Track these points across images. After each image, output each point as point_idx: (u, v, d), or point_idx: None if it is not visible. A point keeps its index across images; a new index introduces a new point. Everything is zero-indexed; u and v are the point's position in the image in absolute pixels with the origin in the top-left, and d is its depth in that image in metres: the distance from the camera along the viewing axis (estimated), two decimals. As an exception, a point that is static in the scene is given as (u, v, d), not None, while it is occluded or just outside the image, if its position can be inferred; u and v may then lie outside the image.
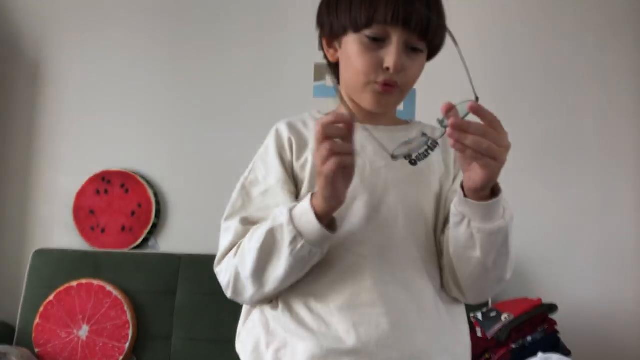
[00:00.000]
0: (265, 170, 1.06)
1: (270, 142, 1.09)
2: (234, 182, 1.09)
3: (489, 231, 0.91)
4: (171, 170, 2.79)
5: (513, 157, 2.96)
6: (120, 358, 2.38)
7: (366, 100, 1.04)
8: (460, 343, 1.03)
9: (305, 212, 0.92)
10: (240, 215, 1.03)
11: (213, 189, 2.71)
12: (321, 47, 1.11)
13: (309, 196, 0.93)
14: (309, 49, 2.74)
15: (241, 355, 1.04)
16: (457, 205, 0.93)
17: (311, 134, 1.06)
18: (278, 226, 0.94)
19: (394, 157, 0.91)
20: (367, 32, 0.98)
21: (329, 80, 2.72)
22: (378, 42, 0.99)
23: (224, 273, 1.01)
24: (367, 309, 0.95)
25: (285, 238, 0.93)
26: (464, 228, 0.93)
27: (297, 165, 1.05)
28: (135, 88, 2.84)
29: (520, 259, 2.58)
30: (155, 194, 2.75)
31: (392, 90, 1.01)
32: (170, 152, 2.80)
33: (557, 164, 2.66)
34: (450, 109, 0.84)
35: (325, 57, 1.11)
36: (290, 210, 0.94)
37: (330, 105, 1.16)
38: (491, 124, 0.85)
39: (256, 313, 1.04)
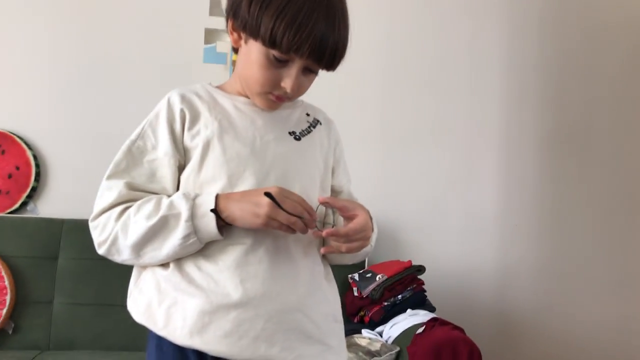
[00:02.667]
0: (154, 140, 1.09)
1: (161, 112, 1.10)
2: (117, 145, 1.10)
3: (358, 253, 1.13)
4: (52, 132, 2.69)
5: (390, 135, 3.17)
6: (-3, 324, 2.32)
7: (258, 102, 1.12)
8: (334, 298, 1.17)
9: (206, 214, 1.00)
10: (125, 179, 1.06)
11: (96, 151, 2.67)
12: (226, 26, 1.12)
13: (213, 197, 1.01)
14: (199, 10, 2.76)
15: (133, 314, 1.08)
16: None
17: (204, 106, 1.10)
18: (174, 215, 1.00)
19: None
20: (277, 54, 1.03)
21: (219, 46, 2.74)
22: (281, 62, 1.05)
23: (100, 230, 1.05)
24: (253, 266, 1.03)
25: (179, 230, 1.00)
26: None
27: (187, 136, 1.08)
28: (12, 40, 2.70)
29: (394, 226, 2.82)
30: (35, 156, 2.65)
31: (284, 100, 1.11)
32: (51, 112, 2.70)
33: (429, 141, 2.89)
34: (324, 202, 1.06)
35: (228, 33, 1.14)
36: (192, 207, 1.00)
37: (220, 76, 1.21)
38: (345, 211, 1.07)
39: (148, 274, 1.09)
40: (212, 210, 1.00)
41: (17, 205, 2.62)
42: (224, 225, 1.03)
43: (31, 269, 2.43)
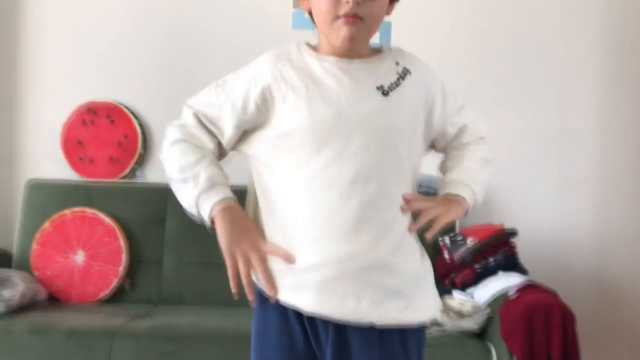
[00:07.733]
0: (233, 86, 1.20)
1: (248, 71, 1.19)
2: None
3: None
4: (155, 102, 2.86)
5: (482, 90, 3.08)
6: (116, 281, 2.56)
7: (336, 38, 1.13)
8: (418, 258, 1.20)
9: (207, 209, 1.19)
10: (194, 109, 1.23)
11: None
12: None
13: (226, 202, 1.18)
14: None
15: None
16: None
17: (293, 70, 1.15)
18: (198, 194, 1.20)
19: None
20: None
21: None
22: None
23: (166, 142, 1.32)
24: (337, 229, 1.11)
25: (189, 201, 1.21)
26: None
27: (278, 98, 1.14)
28: (119, 18, 2.86)
29: (486, 189, 2.79)
30: (141, 125, 2.84)
31: (355, 21, 1.10)
32: (154, 83, 2.87)
33: (521, 99, 2.81)
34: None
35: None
36: (201, 194, 1.19)
37: (312, 39, 1.25)
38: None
39: None
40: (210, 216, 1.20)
41: (126, 171, 2.83)
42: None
43: (142, 231, 2.65)
